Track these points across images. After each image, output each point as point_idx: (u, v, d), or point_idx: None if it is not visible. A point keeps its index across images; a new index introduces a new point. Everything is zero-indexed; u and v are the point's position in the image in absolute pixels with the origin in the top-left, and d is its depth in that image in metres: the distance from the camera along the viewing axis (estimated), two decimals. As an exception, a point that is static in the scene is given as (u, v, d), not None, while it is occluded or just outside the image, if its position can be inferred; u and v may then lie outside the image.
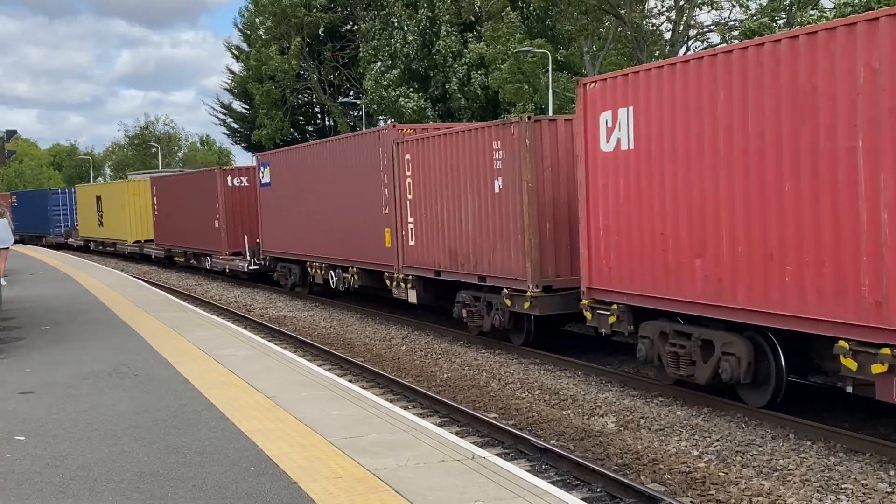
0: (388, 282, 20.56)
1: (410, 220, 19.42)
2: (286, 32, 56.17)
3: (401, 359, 17.09)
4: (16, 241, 56.63)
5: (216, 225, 31.68)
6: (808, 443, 10.43)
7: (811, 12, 24.03)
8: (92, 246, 51.30)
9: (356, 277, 22.29)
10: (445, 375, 15.36)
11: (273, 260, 28.60)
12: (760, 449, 10.30)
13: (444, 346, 18.02)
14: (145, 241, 42.49)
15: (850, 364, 9.64)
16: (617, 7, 29.52)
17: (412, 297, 19.82)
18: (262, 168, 28.89)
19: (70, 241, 54.95)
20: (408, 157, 19.38)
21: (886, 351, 9.22)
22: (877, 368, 9.30)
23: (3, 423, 9.99)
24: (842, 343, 9.71)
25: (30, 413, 10.43)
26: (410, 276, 19.73)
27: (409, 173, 19.32)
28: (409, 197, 19.34)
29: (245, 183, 31.22)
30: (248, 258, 29.68)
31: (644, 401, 12.78)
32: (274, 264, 28.55)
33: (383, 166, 20.31)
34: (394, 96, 44.96)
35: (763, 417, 11.37)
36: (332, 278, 23.80)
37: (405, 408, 12.53)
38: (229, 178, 31.53)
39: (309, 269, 25.50)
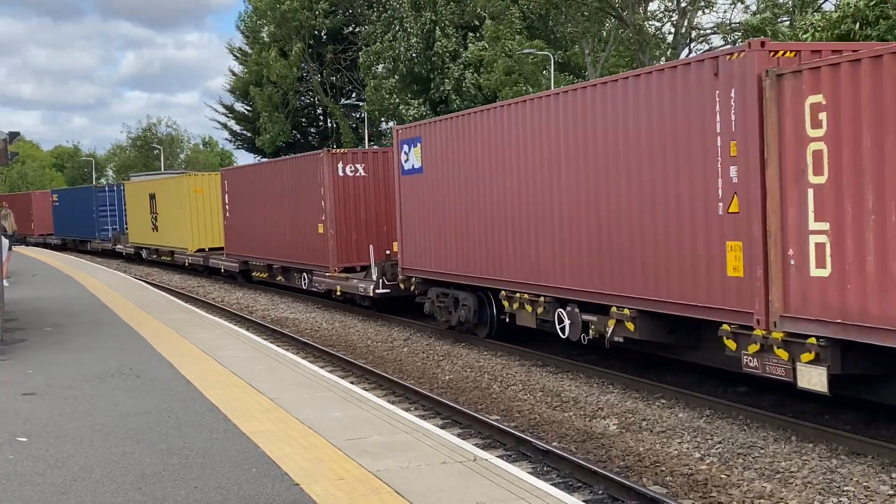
0: (729, 342, 11.23)
1: (818, 226, 9.95)
2: (287, 36, 56.21)
3: (403, 360, 17.09)
4: (58, 245, 54.85)
5: (320, 230, 23.88)
6: (810, 445, 10.42)
7: (814, 15, 24.02)
8: (144, 254, 42.46)
9: (633, 326, 12.85)
10: (447, 377, 15.36)
11: (422, 283, 19.90)
12: (762, 451, 10.30)
13: (447, 347, 18.02)
14: (211, 249, 34.52)
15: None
16: (619, 9, 29.53)
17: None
18: (405, 148, 20.06)
19: (118, 247, 46.83)
20: (812, 100, 9.88)
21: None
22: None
23: (6, 424, 10.00)
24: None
25: (32, 414, 10.44)
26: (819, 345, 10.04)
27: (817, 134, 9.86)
28: (816, 180, 9.90)
29: (362, 172, 23.37)
30: (376, 277, 21.39)
31: (646, 403, 12.78)
32: (422, 289, 19.94)
33: (725, 126, 11.03)
34: (395, 103, 45.01)
35: (765, 420, 11.37)
36: (565, 321, 14.55)
37: (407, 409, 12.53)
38: (340, 166, 23.33)
39: (505, 303, 16.39)
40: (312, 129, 65.35)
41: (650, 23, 30.95)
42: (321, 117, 64.93)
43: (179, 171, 55.77)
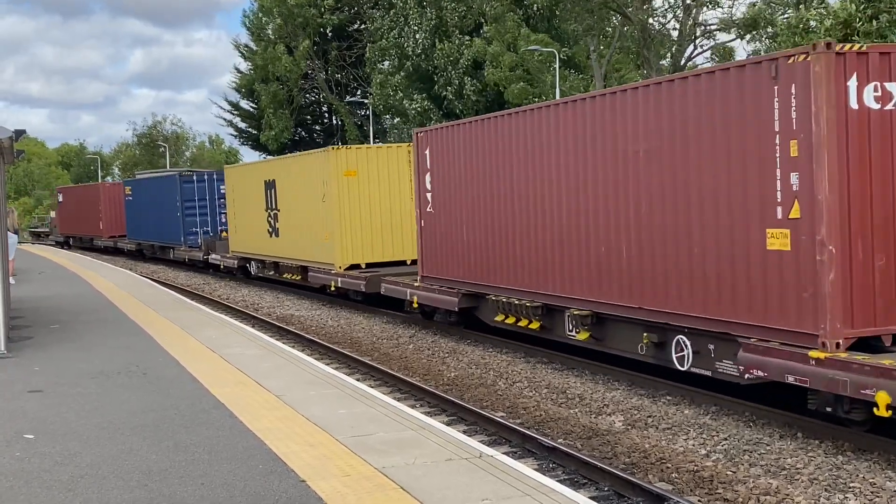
0: None
1: None
2: (292, 33, 56.23)
3: (408, 357, 17.10)
4: (133, 251, 46.76)
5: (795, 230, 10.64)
6: (816, 441, 10.41)
7: (815, 13, 24.01)
8: (254, 269, 30.46)
9: None
10: (453, 374, 15.37)
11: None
12: (768, 448, 10.29)
13: (452, 344, 18.02)
14: (380, 265, 23.06)
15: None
16: (623, 6, 29.50)
17: None
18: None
19: (212, 258, 34.16)
20: None
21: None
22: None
23: (13, 421, 10.03)
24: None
25: (38, 412, 10.46)
26: None
27: None
28: None
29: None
30: None
31: (652, 399, 12.78)
32: None
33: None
34: (399, 98, 45.02)
35: (771, 416, 11.36)
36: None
37: (413, 406, 12.53)
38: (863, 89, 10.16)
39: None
40: (317, 127, 65.38)
41: (655, 19, 30.91)
42: (326, 114, 64.97)
43: (196, 168, 55.26)
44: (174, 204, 38.09)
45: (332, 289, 23.87)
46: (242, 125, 68.43)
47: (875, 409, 9.25)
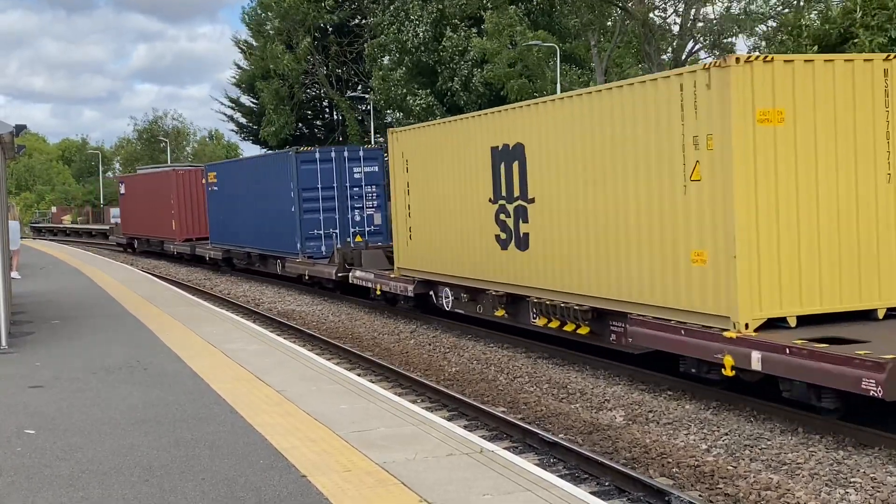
0: None
1: None
2: (292, 29, 56.16)
3: (409, 353, 17.10)
4: (219, 259, 33.82)
5: None
6: (817, 436, 10.41)
7: (816, 9, 24.06)
8: (447, 300, 19.11)
9: None
10: (454, 369, 15.38)
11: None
12: (769, 443, 10.29)
13: (453, 339, 18.03)
14: (832, 319, 11.48)
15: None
16: (624, 0, 29.46)
17: None
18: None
19: (358, 276, 22.81)
20: None
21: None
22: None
23: (14, 416, 10.03)
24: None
25: (39, 407, 10.47)
26: None
27: None
28: None
29: None
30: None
31: (653, 395, 12.78)
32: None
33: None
34: (402, 94, 44.93)
35: (772, 411, 11.36)
36: None
37: (413, 402, 12.54)
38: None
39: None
40: (318, 122, 65.33)
41: (656, 13, 30.88)
42: (327, 110, 64.90)
43: (203, 161, 54.80)
44: (286, 195, 26.89)
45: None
46: (243, 120, 68.41)
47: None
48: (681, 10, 30.02)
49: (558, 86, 34.79)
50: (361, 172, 26.47)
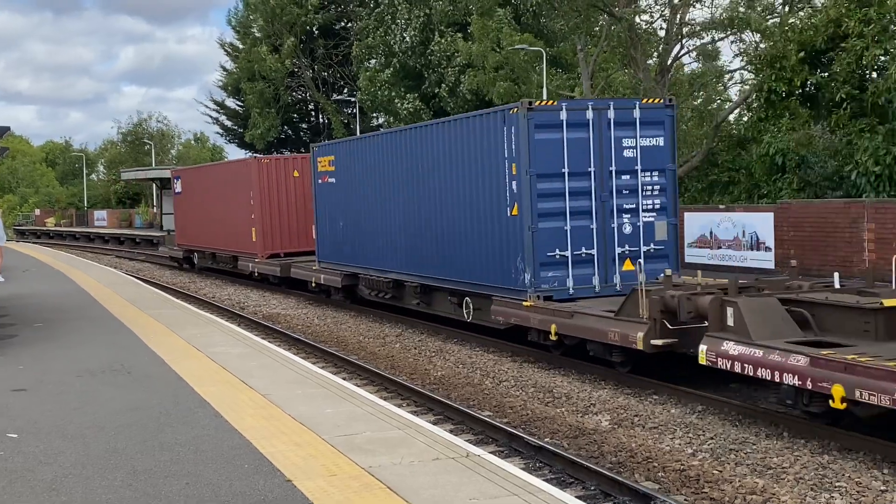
0: None
1: None
2: (278, 31, 56.04)
3: (395, 356, 17.07)
4: (343, 287, 22.74)
5: None
6: (802, 441, 10.44)
7: (801, 14, 24.18)
8: None
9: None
10: (439, 373, 15.35)
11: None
12: (754, 447, 10.31)
13: (439, 343, 18.00)
14: None
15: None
16: (610, 4, 29.49)
17: None
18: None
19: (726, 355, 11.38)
20: None
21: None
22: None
23: (-4, 420, 9.95)
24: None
25: (22, 410, 10.39)
26: None
27: None
28: None
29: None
30: None
31: (638, 399, 12.78)
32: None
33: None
34: (389, 97, 44.83)
35: (757, 415, 11.39)
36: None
37: (399, 406, 12.50)
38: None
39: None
40: (304, 125, 65.22)
41: (642, 18, 30.96)
42: (313, 113, 64.80)
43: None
44: (494, 187, 16.35)
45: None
46: (228, 123, 68.22)
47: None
48: (667, 14, 30.10)
49: (545, 90, 34.78)
50: (635, 147, 15.83)
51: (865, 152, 20.30)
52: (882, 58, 19.85)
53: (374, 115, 52.32)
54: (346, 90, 56.52)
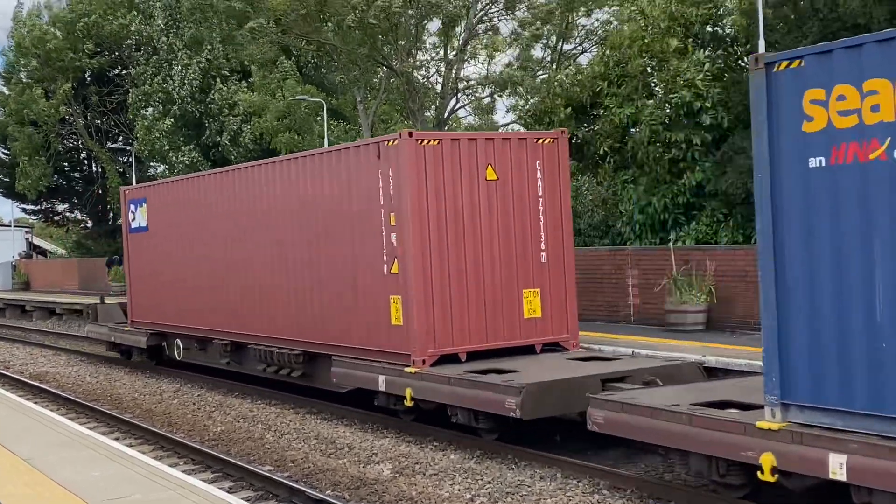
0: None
1: None
2: (50, 76, 53.76)
3: (172, 413, 16.53)
4: None
5: None
6: (574, 481, 10.81)
7: (567, 71, 25.46)
8: None
9: None
10: (219, 429, 14.98)
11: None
12: (530, 489, 10.60)
13: (219, 398, 17.58)
14: None
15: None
16: (389, 59, 30.09)
17: None
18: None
19: None
20: None
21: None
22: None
23: None
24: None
25: None
26: None
27: None
28: None
29: None
30: None
31: (419, 446, 12.90)
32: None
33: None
34: (166, 148, 43.65)
35: (532, 458, 11.72)
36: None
37: (175, 464, 12.12)
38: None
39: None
40: (76, 174, 62.57)
41: (419, 73, 31.76)
42: (85, 161, 62.32)
43: None
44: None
45: None
46: (-4, 172, 64.54)
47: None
48: (442, 70, 31.05)
49: (325, 140, 34.96)
50: None
51: (629, 202, 21.47)
52: (632, 116, 21.11)
53: (151, 165, 50.90)
54: (120, 138, 54.73)
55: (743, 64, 21.02)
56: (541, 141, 14.24)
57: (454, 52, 31.89)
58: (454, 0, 29.01)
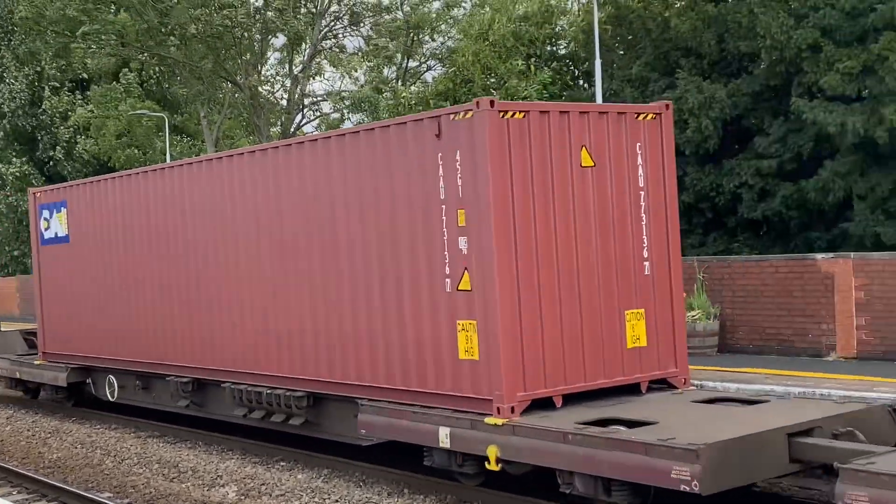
0: None
1: None
2: None
3: (4, 441, 15.86)
4: None
5: None
6: (422, 497, 10.91)
7: (413, 88, 25.76)
8: None
9: None
10: (55, 455, 14.45)
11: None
12: (377, 506, 10.64)
13: (55, 423, 16.95)
14: None
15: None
16: (233, 73, 29.75)
17: None
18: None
19: None
20: None
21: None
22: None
23: None
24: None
25: None
26: None
27: None
28: None
29: None
30: None
31: (265, 467, 12.77)
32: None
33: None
34: None
35: (379, 475, 11.76)
36: None
37: (8, 494, 11.64)
38: None
39: None
40: None
41: (264, 88, 31.48)
42: None
43: None
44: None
45: None
46: None
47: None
48: (288, 85, 30.88)
49: (167, 156, 34.24)
50: None
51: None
52: None
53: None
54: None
55: (581, 82, 21.77)
56: (642, 117, 10.85)
57: (299, 68, 31.78)
58: (299, 16, 28.94)
